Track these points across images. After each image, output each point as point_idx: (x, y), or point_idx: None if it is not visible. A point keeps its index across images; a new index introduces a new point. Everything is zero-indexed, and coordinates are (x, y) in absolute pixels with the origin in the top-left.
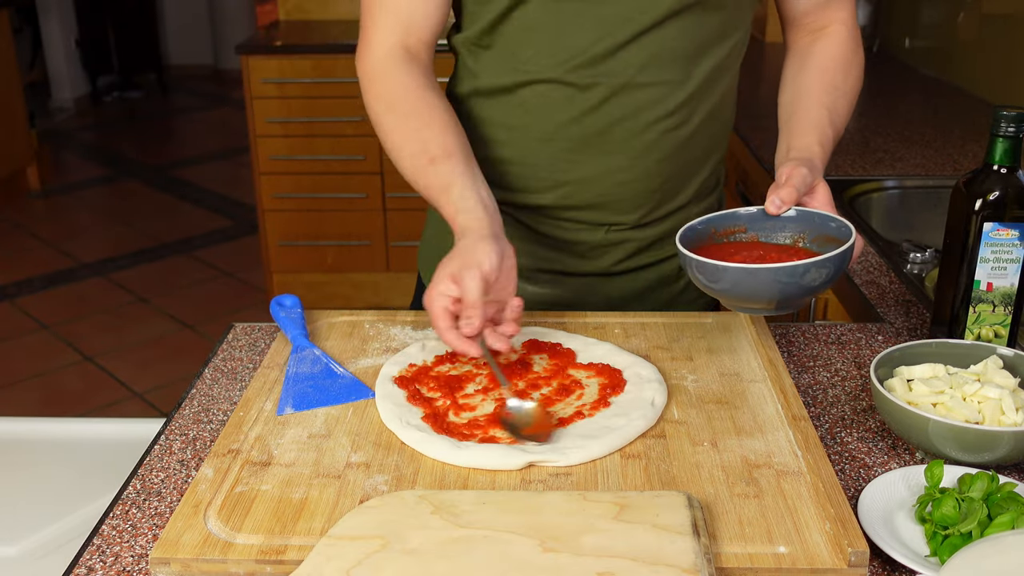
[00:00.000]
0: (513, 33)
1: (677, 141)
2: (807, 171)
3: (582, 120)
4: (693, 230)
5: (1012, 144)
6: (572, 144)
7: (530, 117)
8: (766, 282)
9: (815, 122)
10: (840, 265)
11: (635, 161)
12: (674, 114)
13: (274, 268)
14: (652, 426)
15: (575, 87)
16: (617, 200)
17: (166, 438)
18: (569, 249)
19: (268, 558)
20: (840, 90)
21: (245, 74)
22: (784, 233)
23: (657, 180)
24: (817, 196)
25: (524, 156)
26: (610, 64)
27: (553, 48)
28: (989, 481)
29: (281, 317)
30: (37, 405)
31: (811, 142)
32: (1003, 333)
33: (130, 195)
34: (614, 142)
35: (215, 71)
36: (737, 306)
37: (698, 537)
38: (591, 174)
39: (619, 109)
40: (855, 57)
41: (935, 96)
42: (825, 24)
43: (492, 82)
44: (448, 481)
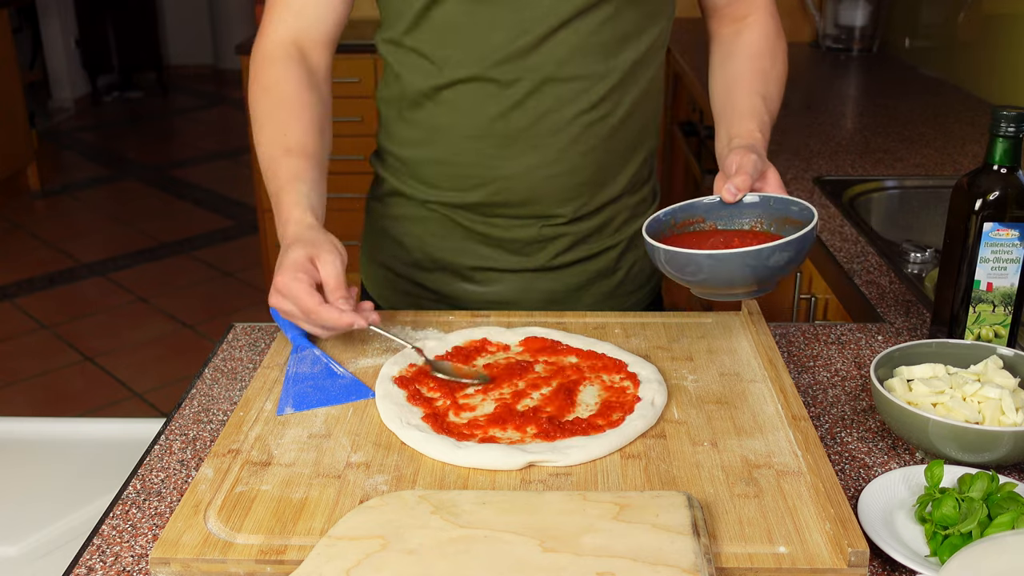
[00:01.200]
0: (433, 32)
1: (603, 133)
2: (756, 157)
3: (507, 116)
4: (657, 221)
5: (1012, 144)
6: (499, 140)
7: (457, 116)
8: (735, 267)
9: (752, 109)
10: (804, 245)
11: (562, 155)
12: (597, 106)
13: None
14: (652, 426)
15: (498, 83)
16: (547, 195)
17: (166, 438)
18: (505, 246)
19: (268, 558)
20: (769, 76)
21: (245, 74)
22: (742, 220)
23: (585, 173)
24: (769, 181)
25: (454, 155)
26: (531, 59)
27: (473, 46)
28: (989, 481)
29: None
30: (37, 405)
31: (751, 128)
32: (1003, 333)
33: (130, 195)
34: (540, 136)
35: (215, 71)
36: (706, 293)
37: (698, 537)
38: (520, 170)
39: (543, 103)
40: (779, 44)
41: (935, 96)
42: (746, 13)
43: (417, 84)
44: (448, 481)
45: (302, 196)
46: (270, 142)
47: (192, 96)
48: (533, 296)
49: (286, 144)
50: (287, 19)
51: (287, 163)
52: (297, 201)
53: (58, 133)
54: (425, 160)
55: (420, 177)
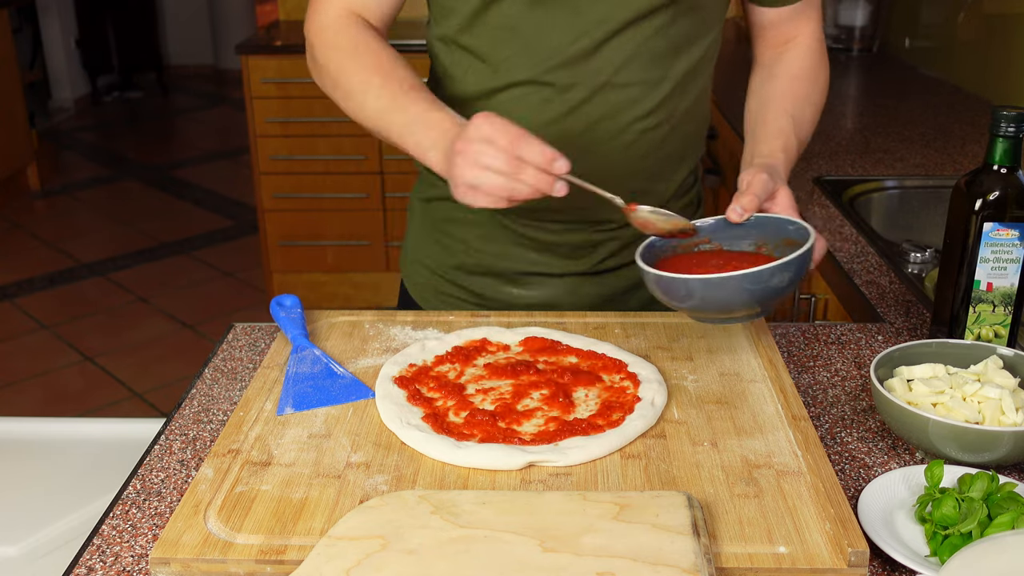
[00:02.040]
0: (490, 33)
1: (655, 141)
2: (767, 176)
3: (562, 121)
4: (652, 246)
5: (1012, 144)
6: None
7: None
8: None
9: (780, 129)
10: (800, 268)
11: (614, 161)
12: (651, 114)
13: (274, 268)
14: (652, 426)
15: (554, 88)
16: (598, 202)
17: (166, 438)
18: (553, 250)
19: (268, 558)
20: (806, 100)
21: (245, 74)
22: (747, 241)
23: (637, 180)
24: (778, 201)
25: None
26: (588, 64)
27: (531, 49)
28: (989, 481)
29: (281, 317)
30: (37, 405)
31: (775, 148)
32: (1003, 333)
33: (130, 195)
34: (594, 142)
35: (215, 71)
36: (699, 317)
37: (698, 537)
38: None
39: (598, 109)
40: (821, 69)
41: (935, 96)
42: (791, 37)
43: (471, 87)
44: (448, 481)
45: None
46: (385, 86)
47: (192, 96)
48: (579, 300)
49: (407, 84)
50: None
51: (417, 95)
52: (454, 114)
53: (58, 133)
54: None
55: None
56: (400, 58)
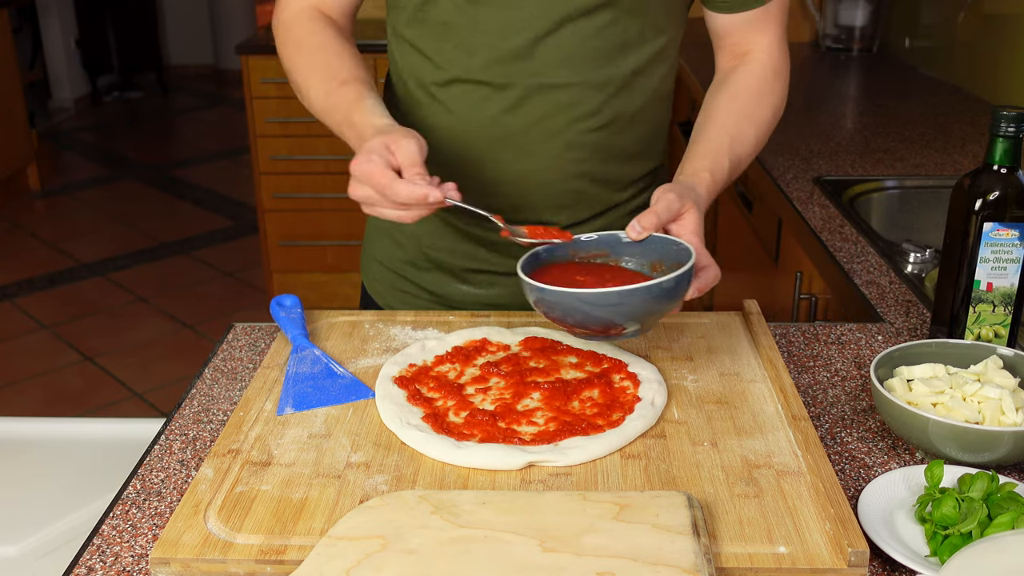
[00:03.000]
0: (429, 28)
1: (598, 142)
2: (675, 196)
3: (501, 120)
4: (536, 256)
5: (1012, 144)
6: (492, 145)
7: (452, 117)
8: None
9: (713, 149)
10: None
11: (555, 162)
12: (594, 115)
13: (274, 268)
14: (652, 426)
15: (491, 87)
16: (541, 201)
17: (166, 438)
18: (500, 249)
19: (268, 558)
20: (749, 119)
21: (245, 74)
22: (643, 260)
23: (581, 181)
24: (683, 223)
25: (448, 157)
26: (525, 63)
27: (466, 45)
28: (989, 481)
29: (281, 317)
30: (37, 405)
31: (701, 167)
32: (1003, 333)
33: (130, 195)
34: (534, 142)
35: (215, 71)
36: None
37: (698, 537)
38: (512, 175)
39: (537, 109)
40: (773, 87)
41: (935, 96)
42: (748, 48)
43: (417, 81)
44: (448, 481)
45: (373, 108)
46: (321, 83)
47: (192, 96)
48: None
49: (339, 79)
50: None
51: (346, 90)
52: (370, 111)
53: (58, 133)
54: None
55: None
56: (344, 47)
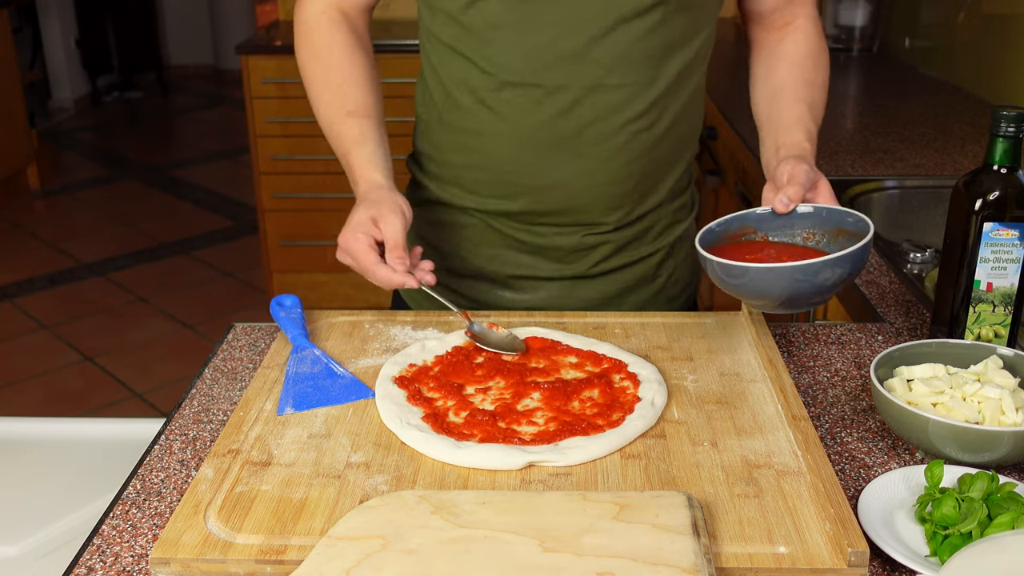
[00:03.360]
0: (475, 31)
1: (648, 142)
2: (808, 167)
3: (553, 123)
4: (711, 232)
5: (1012, 144)
6: (544, 148)
7: (501, 122)
8: (783, 280)
9: (798, 118)
10: (858, 259)
11: (606, 164)
12: (644, 115)
13: (274, 268)
14: (652, 426)
15: (543, 89)
16: (591, 204)
17: (166, 438)
18: (546, 254)
19: (268, 558)
20: (814, 84)
21: (245, 74)
22: (794, 231)
23: (630, 182)
24: (820, 191)
25: (496, 162)
26: (579, 65)
27: (517, 48)
28: (989, 481)
29: (281, 317)
30: (37, 405)
31: (800, 139)
32: (1003, 333)
33: (130, 195)
34: (585, 145)
35: (215, 71)
36: (757, 305)
37: (698, 537)
38: (563, 178)
39: (590, 111)
40: (822, 50)
41: (935, 96)
42: (790, 20)
43: (459, 86)
44: (448, 481)
45: (370, 155)
46: (329, 106)
47: (192, 96)
48: (572, 303)
49: (347, 107)
50: None
51: (351, 125)
52: (367, 161)
53: (58, 133)
54: (466, 166)
55: (461, 184)
56: (359, 68)
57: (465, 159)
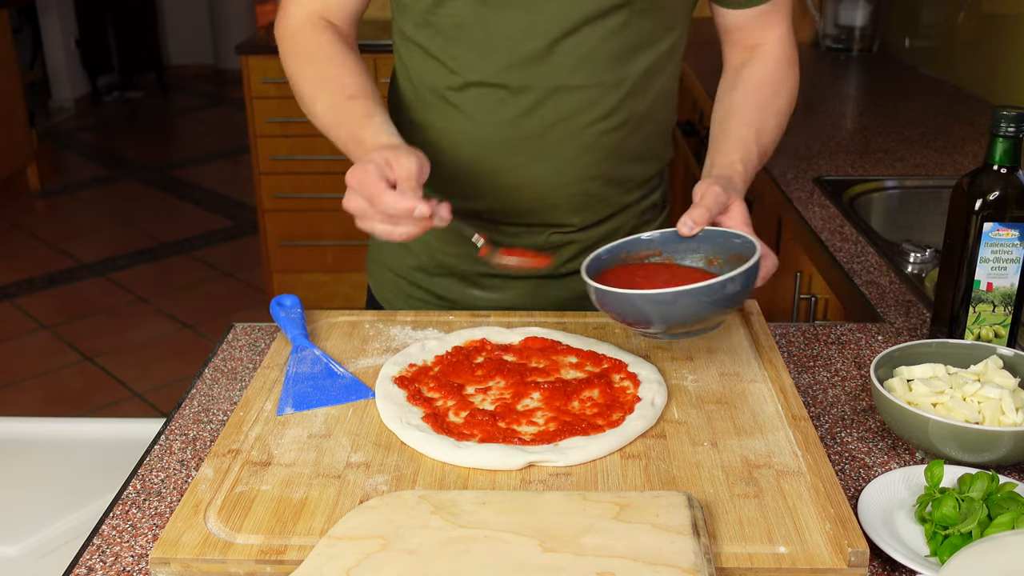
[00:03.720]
0: (442, 31)
1: (613, 143)
2: (720, 189)
3: (517, 124)
4: (598, 260)
5: (1012, 144)
6: (508, 148)
7: (467, 122)
8: (647, 306)
9: (740, 140)
10: (744, 283)
11: (571, 164)
12: (609, 116)
13: (274, 268)
14: (652, 426)
15: (508, 89)
16: (557, 203)
17: (166, 438)
18: None
19: (268, 558)
20: (769, 110)
21: (245, 74)
22: (698, 255)
23: (595, 183)
24: (732, 215)
25: (462, 161)
26: (542, 66)
27: (481, 49)
28: (989, 481)
29: (281, 317)
30: (37, 405)
31: (733, 159)
32: (1003, 333)
33: (130, 195)
34: (550, 145)
35: (215, 71)
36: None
37: (698, 537)
38: (528, 178)
39: (554, 112)
40: (787, 77)
41: (935, 96)
42: (759, 42)
43: (428, 85)
44: (448, 481)
45: (380, 125)
46: (329, 97)
47: (192, 96)
48: (540, 302)
49: (347, 93)
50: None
51: (354, 106)
52: (378, 129)
53: (58, 133)
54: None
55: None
56: (351, 60)
57: (433, 158)
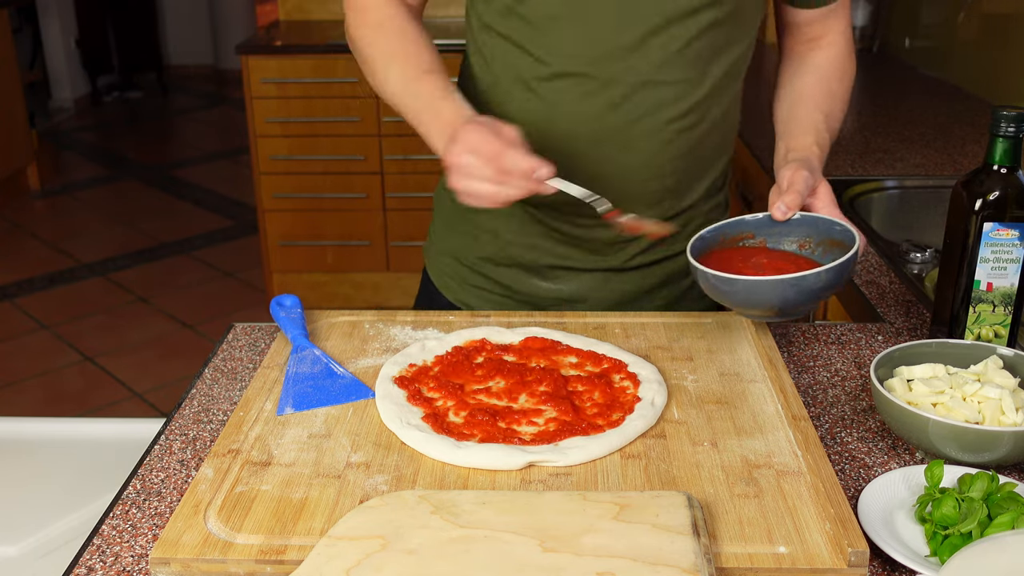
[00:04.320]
0: (534, 20)
1: (691, 141)
2: (808, 173)
3: (603, 116)
4: (703, 240)
5: (1012, 144)
6: (591, 140)
7: (553, 111)
8: (771, 292)
9: (812, 124)
10: (843, 272)
11: (651, 159)
12: (689, 114)
13: (274, 268)
14: (652, 426)
15: (596, 81)
16: (636, 197)
17: (166, 438)
18: (584, 245)
19: (268, 558)
20: (835, 96)
21: (245, 74)
22: (791, 238)
23: (671, 179)
24: (819, 197)
25: (545, 151)
26: (631, 60)
27: (573, 40)
28: (989, 481)
29: (281, 317)
30: (37, 405)
31: (809, 142)
32: (1003, 333)
33: (130, 195)
34: (632, 139)
35: (215, 71)
36: (745, 313)
37: (698, 537)
38: (609, 171)
39: (639, 106)
40: (849, 65)
41: (935, 96)
42: (823, 34)
43: (510, 75)
44: (448, 481)
45: (463, 101)
46: (404, 69)
47: (192, 96)
48: (605, 295)
49: (424, 67)
50: None
51: (431, 79)
52: (461, 103)
53: (58, 133)
54: None
55: None
56: (424, 37)
57: None
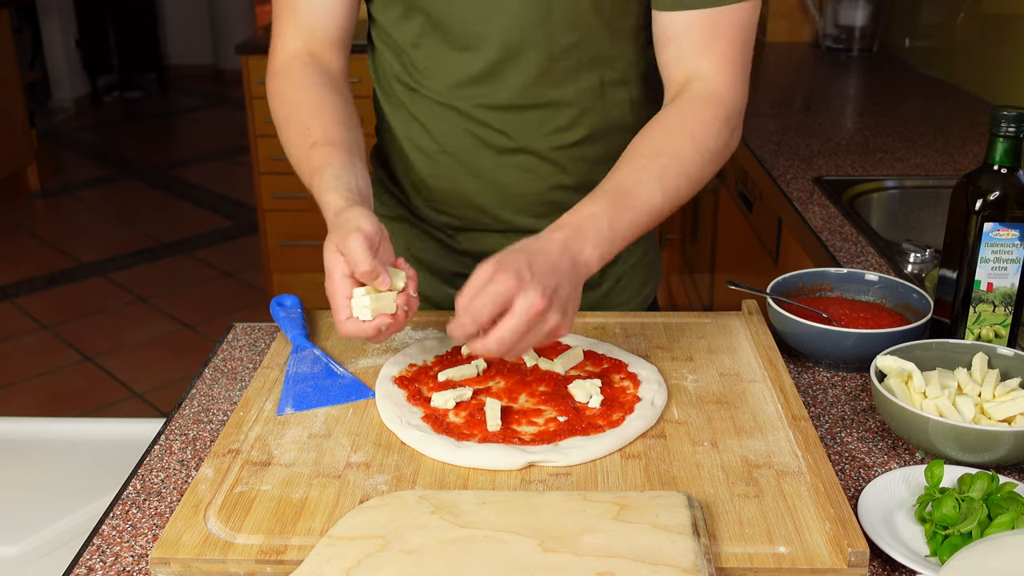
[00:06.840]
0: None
1: (575, 154)
2: None
3: (475, 134)
4: (784, 283)
5: (1012, 144)
6: (465, 160)
7: (426, 132)
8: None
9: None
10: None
11: (531, 174)
12: (569, 129)
13: (274, 268)
14: (652, 426)
15: (459, 108)
16: (520, 209)
17: (166, 438)
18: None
19: (268, 558)
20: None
21: (245, 74)
22: (868, 295)
23: (557, 192)
24: None
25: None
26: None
27: (439, 65)
28: (989, 481)
29: (281, 317)
30: (37, 405)
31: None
32: (1003, 333)
33: (130, 195)
34: (506, 155)
35: (215, 71)
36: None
37: (698, 537)
38: (490, 185)
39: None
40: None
41: (935, 96)
42: (689, 75)
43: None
44: (448, 481)
45: (330, 181)
46: (296, 143)
47: (192, 96)
48: None
49: (311, 140)
50: (295, 28)
51: (313, 155)
52: (328, 187)
53: (58, 133)
54: (394, 170)
55: (391, 188)
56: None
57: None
